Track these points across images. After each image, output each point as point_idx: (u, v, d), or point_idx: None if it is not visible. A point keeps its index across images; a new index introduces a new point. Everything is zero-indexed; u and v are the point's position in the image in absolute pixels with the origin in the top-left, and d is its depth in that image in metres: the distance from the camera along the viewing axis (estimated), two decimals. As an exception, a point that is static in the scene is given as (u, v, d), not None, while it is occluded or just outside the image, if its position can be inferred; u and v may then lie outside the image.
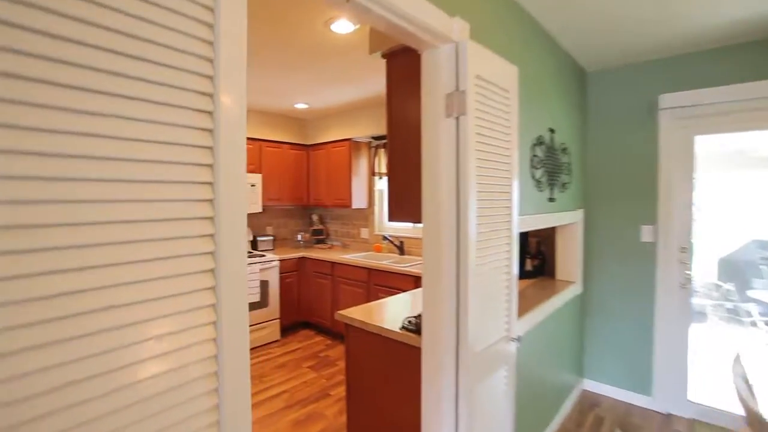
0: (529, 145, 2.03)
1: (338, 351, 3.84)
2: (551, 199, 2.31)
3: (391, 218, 1.77)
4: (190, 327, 0.72)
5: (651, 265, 2.72)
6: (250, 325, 3.86)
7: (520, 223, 1.84)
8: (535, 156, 2.09)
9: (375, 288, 3.68)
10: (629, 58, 2.67)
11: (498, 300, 1.66)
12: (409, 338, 1.77)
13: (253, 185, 4.18)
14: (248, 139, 4.23)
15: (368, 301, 3.75)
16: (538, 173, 2.14)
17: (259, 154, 4.35)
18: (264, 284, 3.99)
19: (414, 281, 3.36)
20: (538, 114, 2.13)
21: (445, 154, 1.45)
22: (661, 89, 2.62)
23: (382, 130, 4.02)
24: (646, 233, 2.74)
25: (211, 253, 0.75)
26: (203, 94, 0.73)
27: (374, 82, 3.31)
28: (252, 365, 3.52)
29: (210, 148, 0.75)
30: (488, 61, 1.54)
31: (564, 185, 2.49)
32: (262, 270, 3.96)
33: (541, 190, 2.18)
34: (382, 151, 4.26)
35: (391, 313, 2.12)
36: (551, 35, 2.28)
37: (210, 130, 0.74)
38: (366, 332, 1.99)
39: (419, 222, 1.61)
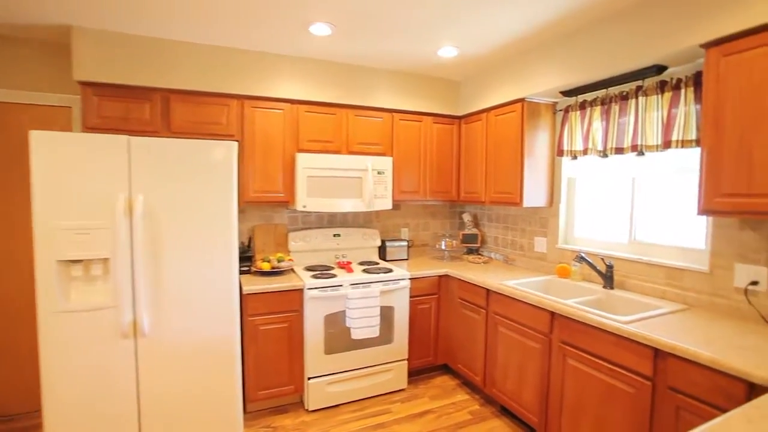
0: None
1: (489, 430, 2.42)
2: None
3: None
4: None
5: None
6: (366, 367, 2.77)
7: None
8: None
9: (562, 349, 2.11)
10: None
11: None
12: None
13: (381, 173, 3.06)
14: (376, 109, 3.12)
15: (548, 368, 2.20)
16: None
17: (390, 129, 3.20)
18: (387, 312, 2.83)
19: (651, 357, 1.68)
20: None
21: None
22: None
23: (582, 75, 2.36)
24: None
25: None
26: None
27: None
28: (361, 430, 2.41)
29: None
30: None
31: None
32: (384, 292, 2.81)
33: None
34: (576, 115, 2.58)
35: None
36: None
37: None
38: None
39: None
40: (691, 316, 1.93)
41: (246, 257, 2.78)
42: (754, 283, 1.86)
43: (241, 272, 2.76)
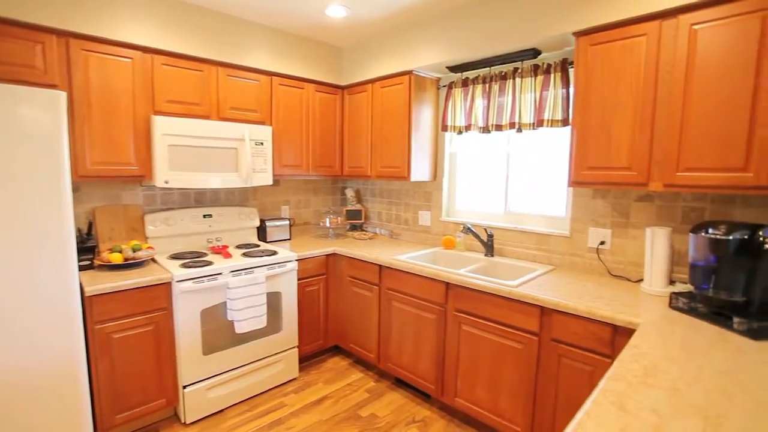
0: None
1: (388, 404, 2.43)
2: None
3: None
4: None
5: None
6: (253, 362, 2.48)
7: None
8: None
9: (457, 317, 2.21)
10: None
11: None
12: None
13: (260, 143, 2.70)
14: (253, 70, 2.72)
15: (444, 337, 2.28)
16: None
17: (269, 95, 2.83)
18: (274, 298, 2.57)
19: (538, 315, 1.86)
20: None
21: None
22: None
23: (467, 52, 2.42)
24: None
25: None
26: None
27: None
28: (254, 434, 2.15)
29: None
30: None
31: None
32: (270, 277, 2.52)
33: None
34: (459, 92, 2.68)
35: None
36: None
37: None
38: None
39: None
40: (560, 275, 2.21)
41: (86, 248, 2.14)
42: (602, 243, 2.23)
43: (82, 268, 2.12)
